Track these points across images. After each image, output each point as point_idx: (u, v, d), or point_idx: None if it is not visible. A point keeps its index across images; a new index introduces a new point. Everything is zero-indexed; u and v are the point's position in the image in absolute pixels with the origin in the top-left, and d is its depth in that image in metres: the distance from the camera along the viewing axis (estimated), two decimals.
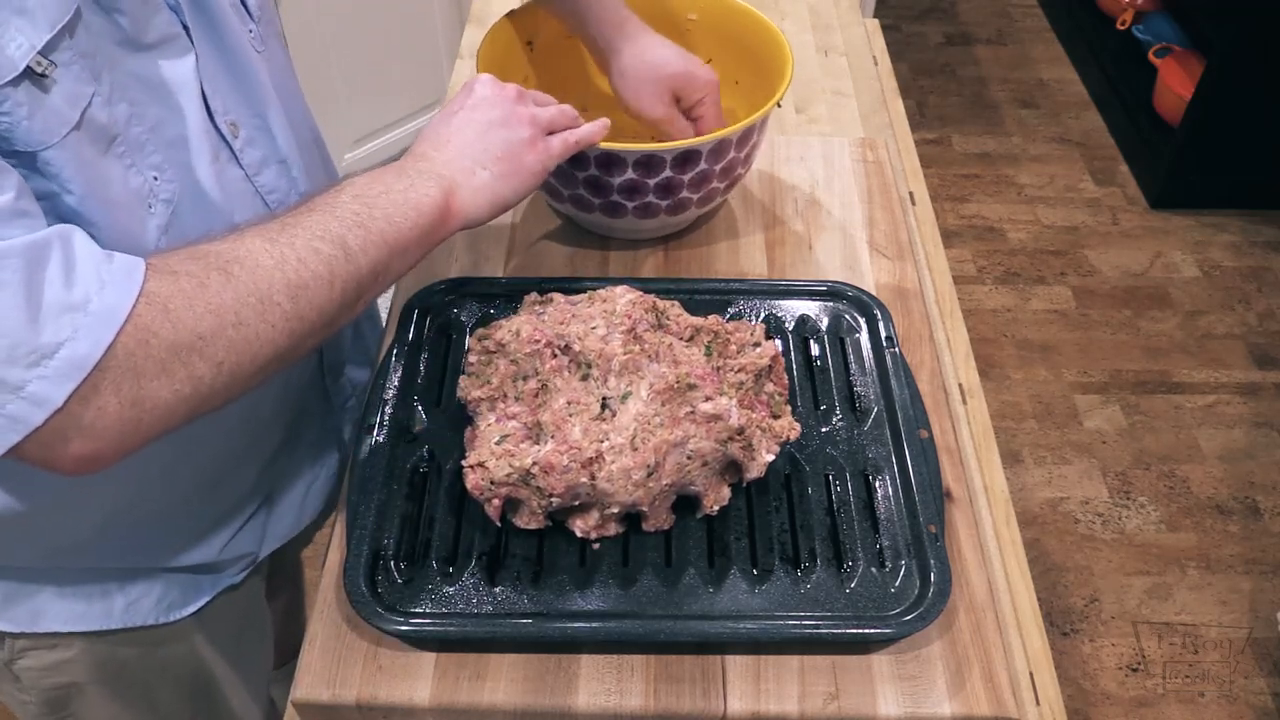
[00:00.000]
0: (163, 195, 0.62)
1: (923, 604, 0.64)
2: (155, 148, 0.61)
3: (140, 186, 0.61)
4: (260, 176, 0.70)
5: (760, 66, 0.94)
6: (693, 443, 0.66)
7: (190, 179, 0.64)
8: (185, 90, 0.63)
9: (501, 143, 0.72)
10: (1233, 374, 2.10)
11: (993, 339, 2.17)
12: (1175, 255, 2.37)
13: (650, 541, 0.69)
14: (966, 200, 2.52)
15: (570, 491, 0.65)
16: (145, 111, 0.61)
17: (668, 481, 0.66)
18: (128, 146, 0.60)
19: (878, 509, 0.70)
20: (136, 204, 0.60)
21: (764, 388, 0.73)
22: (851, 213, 0.97)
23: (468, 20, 1.31)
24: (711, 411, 0.67)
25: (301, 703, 0.64)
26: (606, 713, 0.63)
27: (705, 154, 0.84)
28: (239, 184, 0.68)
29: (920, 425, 0.74)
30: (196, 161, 0.65)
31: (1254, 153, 2.37)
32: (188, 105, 0.64)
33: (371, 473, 0.71)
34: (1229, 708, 1.59)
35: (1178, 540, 1.82)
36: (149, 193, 0.61)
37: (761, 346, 0.73)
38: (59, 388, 0.49)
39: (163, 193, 0.62)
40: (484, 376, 0.72)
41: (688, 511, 0.70)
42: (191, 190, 0.64)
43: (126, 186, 0.60)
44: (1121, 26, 2.77)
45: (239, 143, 0.68)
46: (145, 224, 0.61)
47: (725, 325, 0.75)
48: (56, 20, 0.53)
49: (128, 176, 0.60)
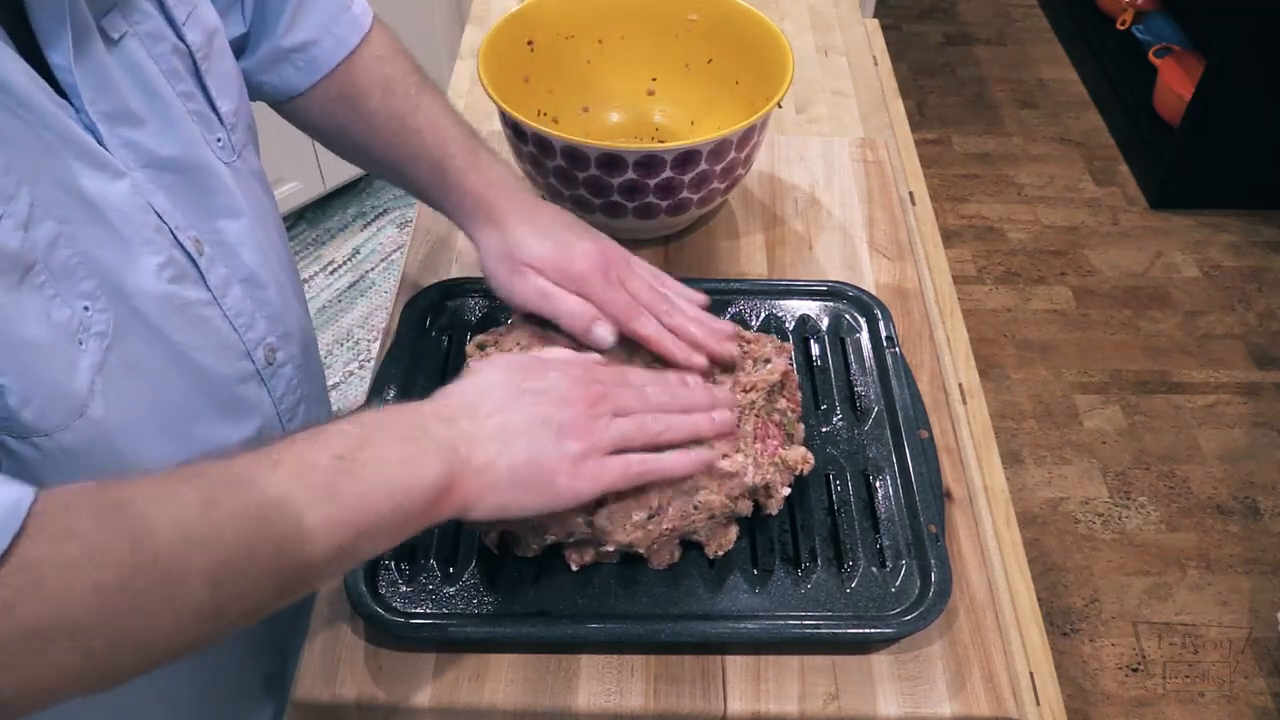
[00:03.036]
0: (95, 328, 0.52)
1: (923, 604, 0.64)
2: (88, 273, 0.51)
3: (67, 321, 0.50)
4: (226, 299, 0.62)
5: (760, 66, 0.94)
6: (702, 494, 0.63)
7: (130, 307, 0.54)
8: (128, 204, 0.54)
9: (540, 447, 0.56)
10: (1233, 374, 2.10)
11: (993, 339, 2.17)
12: (1175, 255, 2.37)
13: None
14: (966, 200, 2.52)
15: (565, 530, 0.64)
16: (77, 231, 0.51)
17: (668, 526, 0.63)
18: (50, 274, 0.49)
19: (878, 509, 0.70)
20: (63, 342, 0.50)
21: (776, 404, 0.70)
22: (851, 213, 0.97)
23: (468, 20, 1.31)
24: (727, 469, 0.64)
25: (301, 703, 0.64)
26: (606, 713, 0.63)
27: (705, 154, 0.84)
28: (202, 309, 0.60)
29: (920, 425, 0.74)
30: (141, 286, 0.55)
31: (1254, 153, 2.37)
32: (134, 220, 0.54)
33: None
34: (1229, 708, 1.59)
35: (1178, 540, 1.82)
36: (78, 327, 0.51)
37: (772, 363, 0.71)
38: None
39: (95, 325, 0.52)
40: None
41: (692, 547, 0.68)
42: (134, 321, 0.55)
43: (49, 322, 0.49)
44: (1121, 26, 2.77)
45: (204, 260, 0.60)
46: (75, 364, 0.51)
47: (745, 335, 0.72)
48: None
49: (50, 310, 0.49)
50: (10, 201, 0.47)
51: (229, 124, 0.65)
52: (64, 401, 0.50)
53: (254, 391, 0.66)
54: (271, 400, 0.68)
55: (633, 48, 1.01)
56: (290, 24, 0.73)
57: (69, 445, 0.51)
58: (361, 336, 2.12)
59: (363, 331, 2.13)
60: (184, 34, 0.61)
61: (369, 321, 2.14)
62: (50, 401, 0.49)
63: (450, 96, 1.18)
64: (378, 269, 2.25)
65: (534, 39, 0.98)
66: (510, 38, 0.95)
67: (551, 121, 1.00)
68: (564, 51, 0.99)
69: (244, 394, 0.65)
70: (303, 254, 2.28)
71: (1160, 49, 2.58)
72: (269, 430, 0.68)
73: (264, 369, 0.67)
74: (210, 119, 0.63)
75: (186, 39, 0.61)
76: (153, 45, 0.59)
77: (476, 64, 0.89)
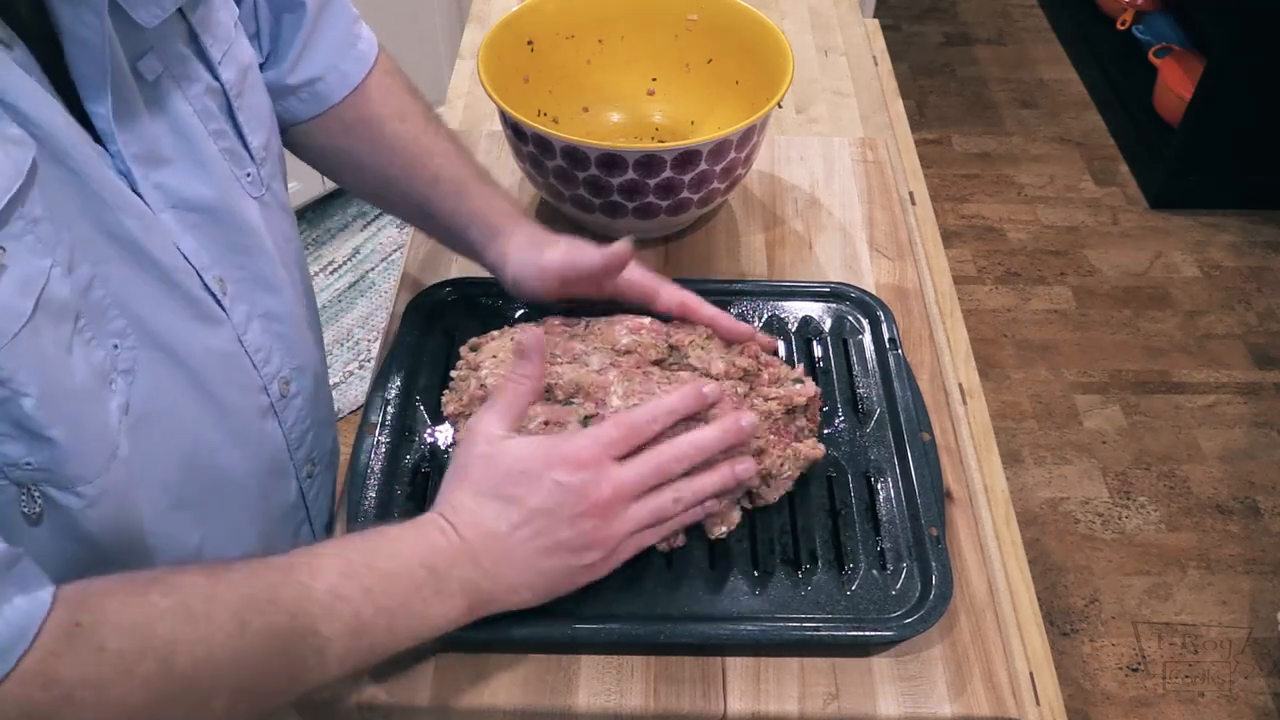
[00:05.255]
0: (121, 366, 0.53)
1: (924, 607, 0.64)
2: (118, 312, 0.52)
3: (101, 362, 0.51)
4: (247, 335, 0.62)
5: (760, 66, 0.94)
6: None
7: (155, 344, 0.55)
8: (156, 246, 0.54)
9: (564, 567, 0.58)
10: (1233, 374, 2.10)
11: (993, 339, 2.17)
12: (1175, 255, 2.37)
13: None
14: (966, 200, 2.52)
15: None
16: (109, 271, 0.51)
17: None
18: (89, 319, 0.50)
19: (879, 511, 0.70)
20: (98, 387, 0.51)
21: (795, 421, 0.70)
22: (851, 213, 0.97)
23: (468, 20, 1.31)
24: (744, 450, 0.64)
25: (301, 703, 0.64)
26: (606, 713, 0.63)
27: (705, 154, 0.83)
28: (224, 345, 0.60)
29: (922, 428, 0.74)
30: (166, 324, 0.55)
31: (1254, 153, 2.37)
32: (162, 261, 0.55)
33: (371, 472, 0.71)
34: (1229, 708, 1.59)
35: (1178, 540, 1.82)
36: (110, 367, 0.51)
37: (803, 384, 0.70)
38: None
39: (122, 363, 0.52)
40: (460, 392, 0.72)
41: (694, 537, 0.68)
42: (157, 357, 0.55)
43: (89, 366, 0.49)
44: (1121, 26, 2.77)
45: (227, 299, 0.60)
46: (106, 407, 0.51)
47: (762, 358, 0.72)
48: (6, 188, 0.43)
49: (89, 353, 0.50)
50: (57, 248, 0.47)
51: (259, 158, 0.65)
52: (102, 446, 0.50)
53: (269, 425, 0.67)
54: (282, 431, 0.69)
55: (633, 48, 1.01)
56: (297, 60, 0.73)
57: (106, 488, 0.51)
58: (361, 336, 2.12)
59: (363, 331, 2.13)
60: (219, 73, 0.61)
61: (369, 321, 2.14)
62: (91, 448, 0.49)
63: (450, 97, 1.19)
64: (378, 269, 2.25)
65: (534, 39, 0.97)
66: (510, 38, 0.95)
67: (551, 121, 1.00)
68: (564, 51, 0.99)
69: (259, 426, 0.66)
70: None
71: (1160, 49, 2.58)
72: (278, 460, 0.69)
73: (277, 401, 0.67)
74: (241, 155, 0.63)
75: (221, 78, 0.61)
76: (188, 87, 0.59)
77: (476, 64, 0.89)
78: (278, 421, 0.68)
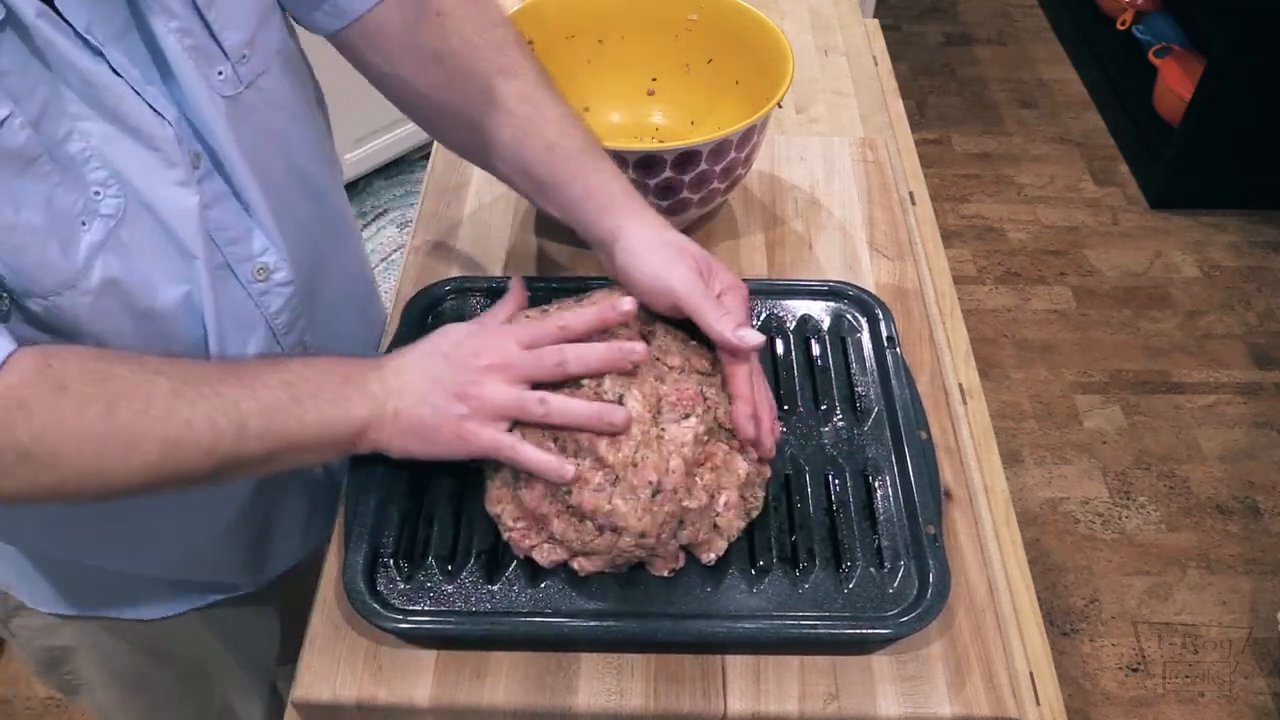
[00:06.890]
0: (104, 210, 0.58)
1: (921, 605, 0.64)
2: (100, 164, 0.58)
3: (70, 205, 0.57)
4: (212, 210, 0.65)
5: (760, 66, 0.94)
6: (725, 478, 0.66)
7: (141, 199, 0.60)
8: (135, 112, 0.59)
9: (435, 406, 0.64)
10: (1233, 374, 2.10)
11: (993, 339, 2.17)
12: (1175, 255, 2.37)
13: None
14: (966, 200, 2.52)
15: (580, 540, 0.64)
16: (90, 127, 0.57)
17: (671, 509, 0.63)
18: (56, 165, 0.55)
19: (877, 509, 0.70)
20: (62, 224, 0.57)
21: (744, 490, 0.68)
22: (851, 213, 0.97)
23: None
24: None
25: (301, 702, 0.64)
26: (606, 713, 0.63)
27: (705, 154, 0.84)
28: (194, 213, 0.63)
29: (920, 426, 0.74)
30: (151, 181, 0.60)
31: (1254, 153, 2.37)
32: (143, 127, 0.59)
33: (371, 471, 0.71)
34: (1229, 708, 1.59)
35: (1178, 540, 1.82)
36: (83, 209, 0.57)
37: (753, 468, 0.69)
38: None
39: (104, 208, 0.58)
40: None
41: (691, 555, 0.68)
42: (142, 209, 0.60)
43: (49, 208, 0.56)
44: (1121, 26, 2.77)
45: (198, 173, 0.64)
46: (74, 242, 0.57)
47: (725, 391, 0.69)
48: None
49: (54, 195, 0.56)
50: (23, 100, 0.53)
51: (234, 56, 0.64)
52: (53, 275, 0.57)
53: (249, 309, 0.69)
54: (261, 313, 0.70)
55: (633, 48, 1.01)
56: None
57: (66, 307, 0.59)
58: None
59: None
60: None
61: None
62: (39, 274, 0.56)
63: None
64: (378, 269, 2.25)
65: (534, 39, 0.97)
66: None
67: None
68: (564, 51, 0.99)
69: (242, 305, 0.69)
70: None
71: (1160, 49, 2.58)
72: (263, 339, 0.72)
73: (250, 284, 0.69)
74: (212, 52, 0.62)
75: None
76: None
77: None
78: (254, 304, 0.70)
